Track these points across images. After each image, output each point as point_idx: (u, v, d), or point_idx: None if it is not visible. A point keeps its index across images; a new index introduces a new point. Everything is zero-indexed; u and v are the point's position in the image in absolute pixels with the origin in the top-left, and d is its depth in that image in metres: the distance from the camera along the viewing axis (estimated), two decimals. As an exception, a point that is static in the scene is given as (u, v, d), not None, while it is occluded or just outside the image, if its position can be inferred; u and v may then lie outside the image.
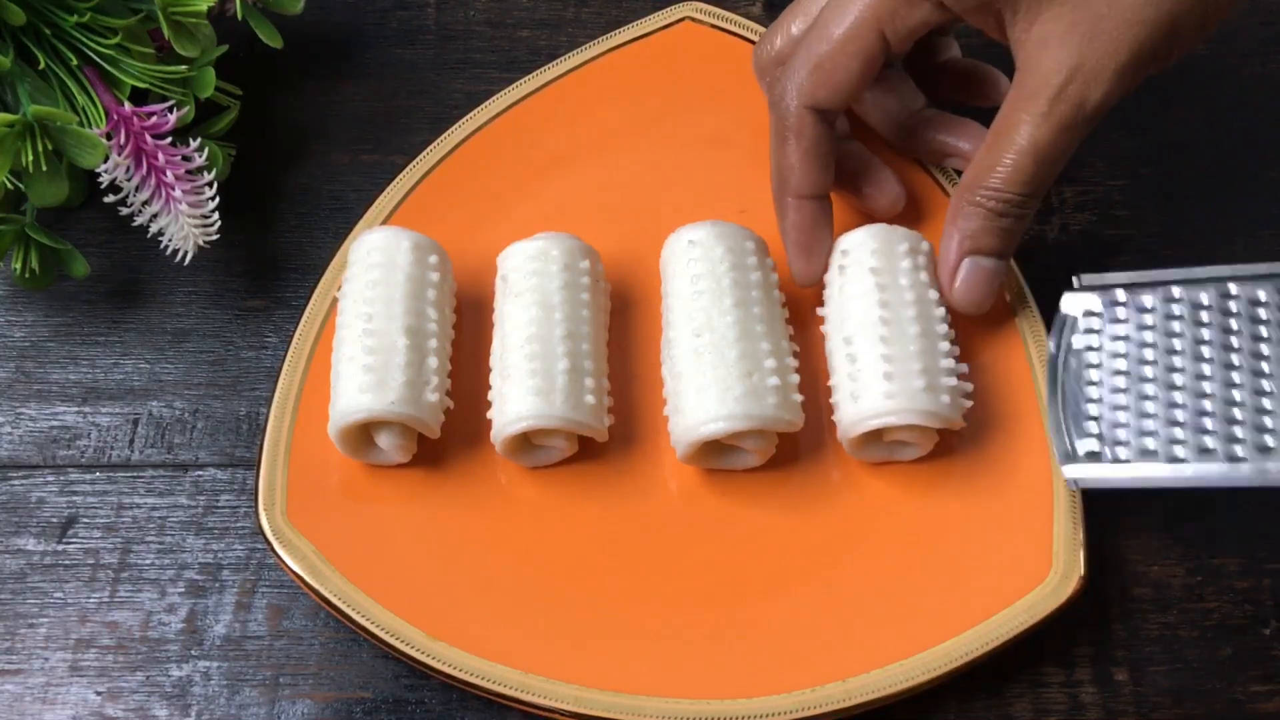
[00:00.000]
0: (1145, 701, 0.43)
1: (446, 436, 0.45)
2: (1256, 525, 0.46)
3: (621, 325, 0.49)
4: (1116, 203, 0.53)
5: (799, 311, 0.48)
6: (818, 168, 0.45)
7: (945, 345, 0.44)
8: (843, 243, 0.46)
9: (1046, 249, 0.51)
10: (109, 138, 0.48)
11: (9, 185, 0.48)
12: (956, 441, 0.45)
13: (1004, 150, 0.41)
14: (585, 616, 0.43)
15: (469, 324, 0.49)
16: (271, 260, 0.53)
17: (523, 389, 0.43)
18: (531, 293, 0.45)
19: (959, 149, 0.48)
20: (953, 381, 0.43)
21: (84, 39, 0.49)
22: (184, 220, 0.48)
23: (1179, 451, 0.40)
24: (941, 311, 0.45)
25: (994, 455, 0.45)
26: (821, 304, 0.47)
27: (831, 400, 0.45)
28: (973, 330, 0.47)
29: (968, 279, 0.43)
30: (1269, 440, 0.39)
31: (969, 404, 0.44)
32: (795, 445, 0.46)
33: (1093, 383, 0.42)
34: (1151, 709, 0.43)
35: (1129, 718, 0.43)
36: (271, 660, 0.44)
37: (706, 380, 0.43)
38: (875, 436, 0.44)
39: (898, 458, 0.45)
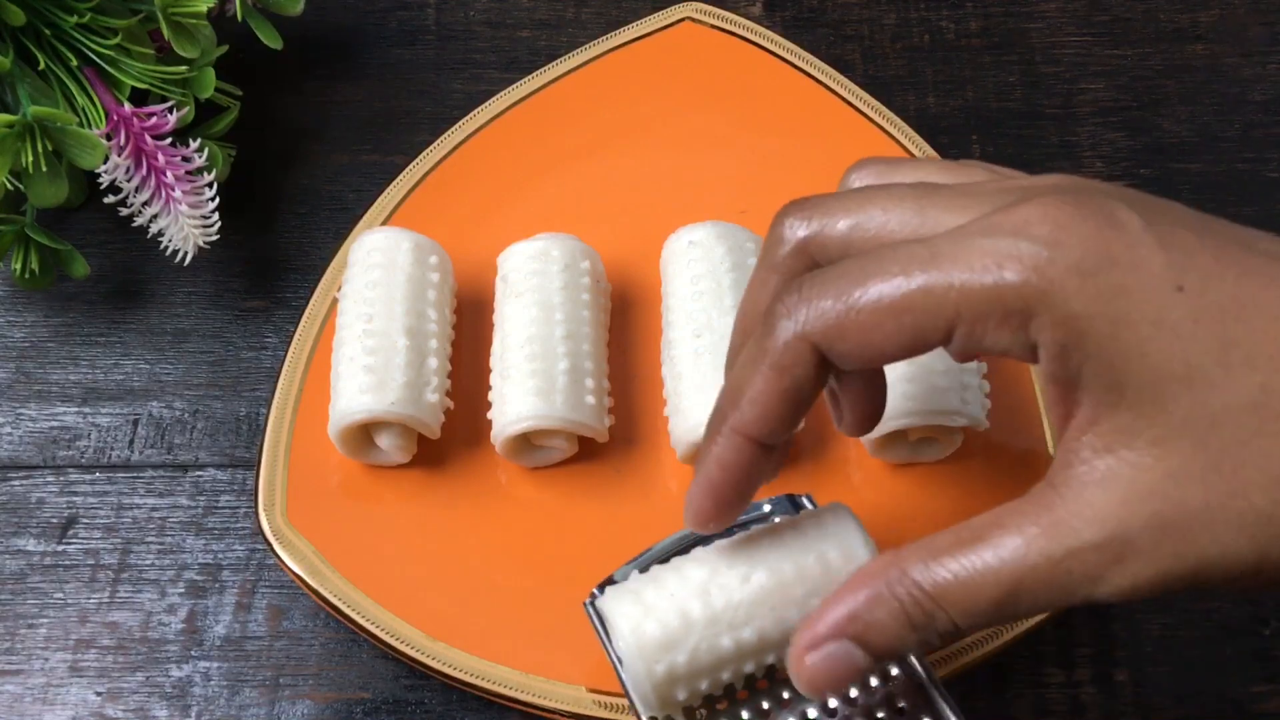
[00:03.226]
0: (1145, 701, 0.43)
1: (446, 436, 0.45)
2: (1256, 525, 0.46)
3: (621, 325, 0.49)
4: (1116, 203, 0.53)
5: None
6: (785, 416, 0.32)
7: None
8: None
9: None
10: (109, 138, 0.48)
11: (9, 185, 0.48)
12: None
13: (973, 556, 0.29)
14: (585, 617, 0.43)
15: (469, 324, 0.49)
16: (271, 260, 0.53)
17: (523, 389, 0.43)
18: (532, 293, 0.45)
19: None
20: (975, 382, 0.43)
21: (84, 39, 0.49)
22: (184, 221, 0.48)
23: None
24: None
25: (994, 456, 0.45)
26: None
27: None
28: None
29: (832, 663, 0.30)
30: None
31: (989, 404, 0.44)
32: (797, 447, 0.46)
33: None
34: (1151, 709, 0.43)
35: (1129, 718, 0.43)
36: (271, 660, 0.44)
37: (707, 380, 0.43)
38: (899, 437, 0.44)
39: (921, 458, 0.45)
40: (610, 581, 0.37)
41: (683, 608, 0.33)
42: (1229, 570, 0.27)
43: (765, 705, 0.34)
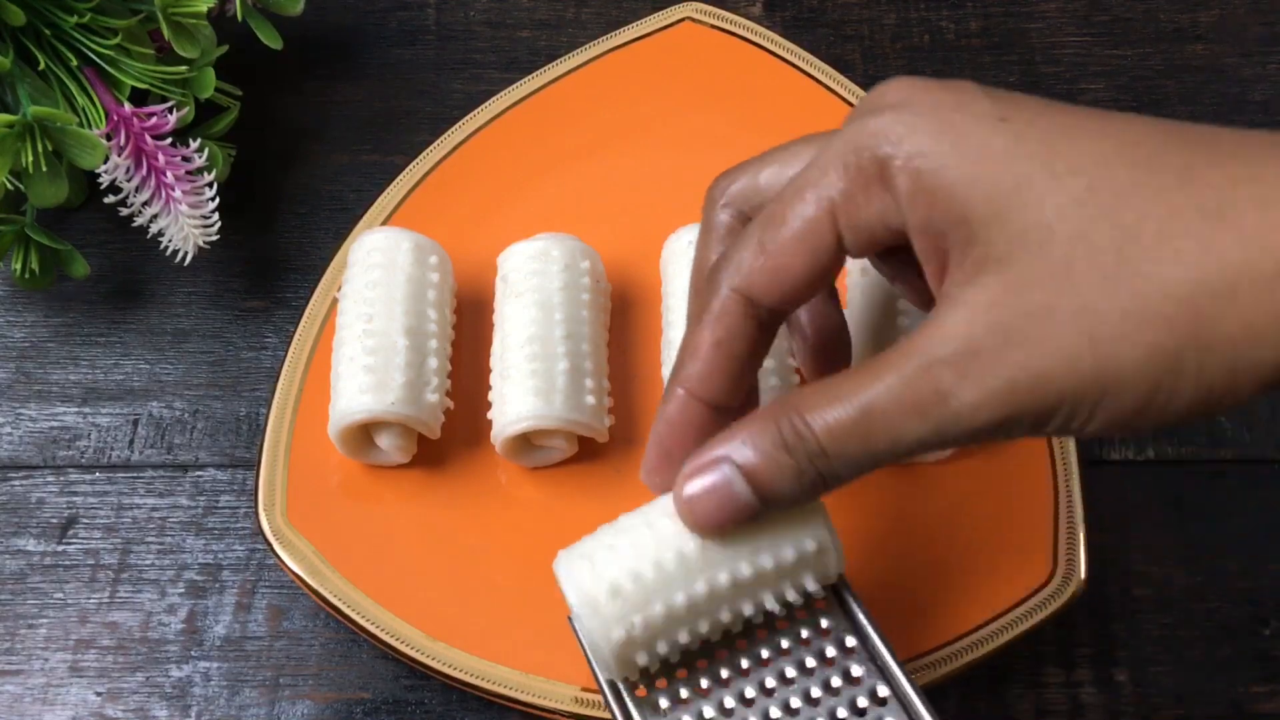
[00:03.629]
0: (1145, 701, 0.43)
1: (446, 436, 0.45)
2: (1256, 525, 0.46)
3: (621, 325, 0.49)
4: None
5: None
6: (723, 369, 0.33)
7: None
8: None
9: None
10: (109, 138, 0.48)
11: (9, 185, 0.48)
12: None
13: (846, 384, 0.30)
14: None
15: (469, 324, 0.49)
16: (271, 260, 0.53)
17: (523, 389, 0.43)
18: (532, 293, 0.45)
19: (803, 333, 0.39)
20: None
21: (84, 39, 0.49)
22: (184, 220, 0.48)
23: None
24: None
25: (994, 456, 0.45)
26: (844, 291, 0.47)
27: None
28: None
29: (712, 493, 0.32)
30: None
31: None
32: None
33: None
34: (1151, 709, 0.43)
35: (1129, 718, 0.43)
36: (271, 661, 0.44)
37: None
38: None
39: (921, 459, 0.45)
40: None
41: (635, 569, 0.33)
42: (1076, 380, 0.28)
43: (725, 673, 0.35)
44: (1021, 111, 0.30)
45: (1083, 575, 0.42)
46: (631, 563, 0.33)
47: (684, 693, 0.35)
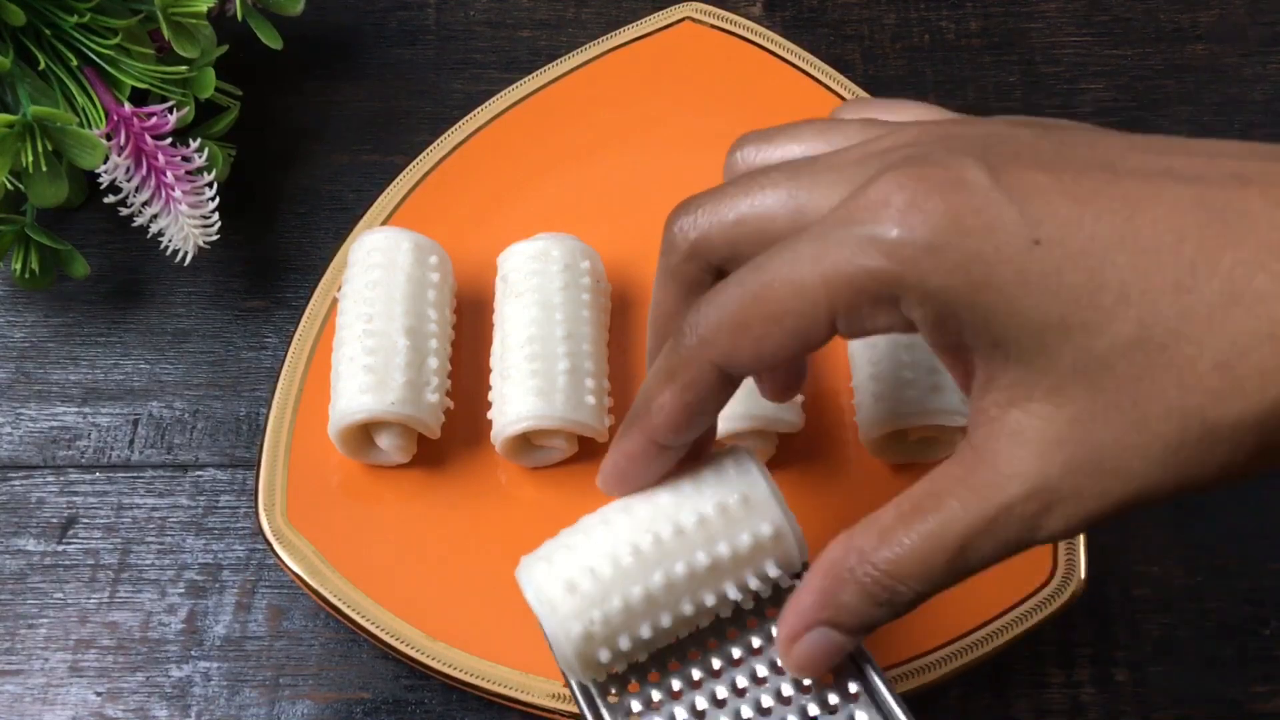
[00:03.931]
0: (1145, 701, 0.43)
1: (446, 436, 0.45)
2: (1256, 525, 0.46)
3: (621, 325, 0.49)
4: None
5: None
6: (687, 424, 0.34)
7: None
8: None
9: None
10: (109, 138, 0.48)
11: (9, 185, 0.48)
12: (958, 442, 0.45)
13: (918, 529, 0.30)
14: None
15: (469, 324, 0.49)
16: (271, 260, 0.53)
17: (523, 389, 0.43)
18: (532, 293, 0.45)
19: None
20: None
21: (84, 39, 0.49)
22: (184, 220, 0.48)
23: None
24: None
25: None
26: None
27: (854, 401, 0.45)
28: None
29: (813, 649, 0.33)
30: None
31: None
32: (797, 446, 0.46)
33: None
34: (1151, 709, 0.43)
35: (1129, 718, 0.43)
36: (271, 660, 0.44)
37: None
38: (899, 437, 0.44)
39: (921, 459, 0.45)
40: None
41: (592, 565, 0.33)
42: (1153, 496, 0.28)
43: (696, 674, 0.35)
44: (1053, 224, 0.28)
45: (1083, 575, 0.42)
46: (588, 560, 0.33)
47: (655, 695, 0.35)
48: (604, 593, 0.33)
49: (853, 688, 0.34)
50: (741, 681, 0.35)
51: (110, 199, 0.49)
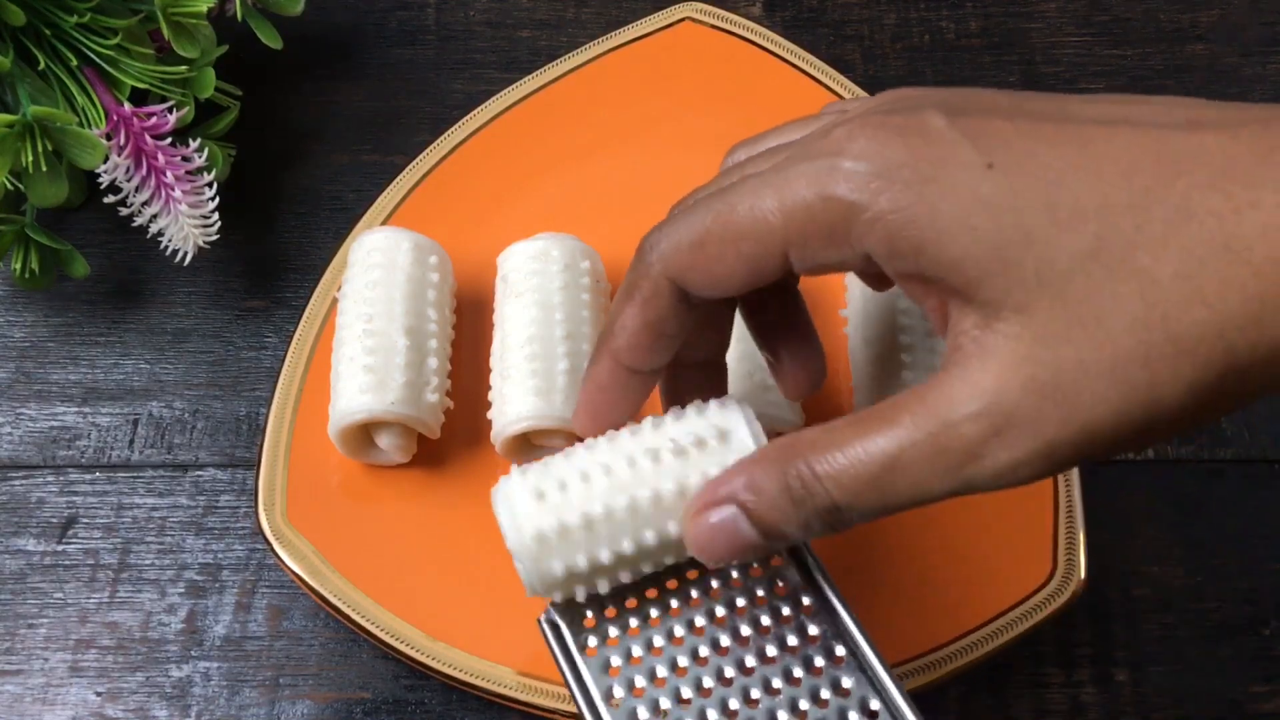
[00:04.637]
0: (1145, 701, 0.43)
1: (446, 436, 0.45)
2: (1256, 525, 0.46)
3: (621, 325, 0.49)
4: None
5: (821, 312, 0.47)
6: (649, 345, 0.34)
7: None
8: None
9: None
10: (109, 138, 0.48)
11: (9, 185, 0.48)
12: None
13: (860, 434, 0.29)
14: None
15: (469, 324, 0.49)
16: (271, 260, 0.53)
17: (523, 389, 0.43)
18: (532, 293, 0.45)
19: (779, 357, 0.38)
20: None
21: (84, 39, 0.49)
22: (184, 220, 0.48)
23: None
24: None
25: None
26: (844, 305, 0.47)
27: (854, 401, 0.45)
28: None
29: (714, 528, 0.31)
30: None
31: None
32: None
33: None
34: (1151, 709, 0.43)
35: (1129, 718, 0.43)
36: (271, 660, 0.44)
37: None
38: None
39: None
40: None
41: (563, 479, 0.33)
42: (1119, 430, 0.27)
43: (679, 631, 0.35)
44: (1007, 152, 0.28)
45: (1083, 575, 0.42)
46: (560, 474, 0.34)
47: (635, 650, 0.34)
48: (567, 504, 0.33)
49: (839, 650, 0.34)
50: (725, 640, 0.34)
51: (110, 199, 0.49)
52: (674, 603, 0.35)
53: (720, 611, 0.35)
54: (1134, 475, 0.47)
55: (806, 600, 0.34)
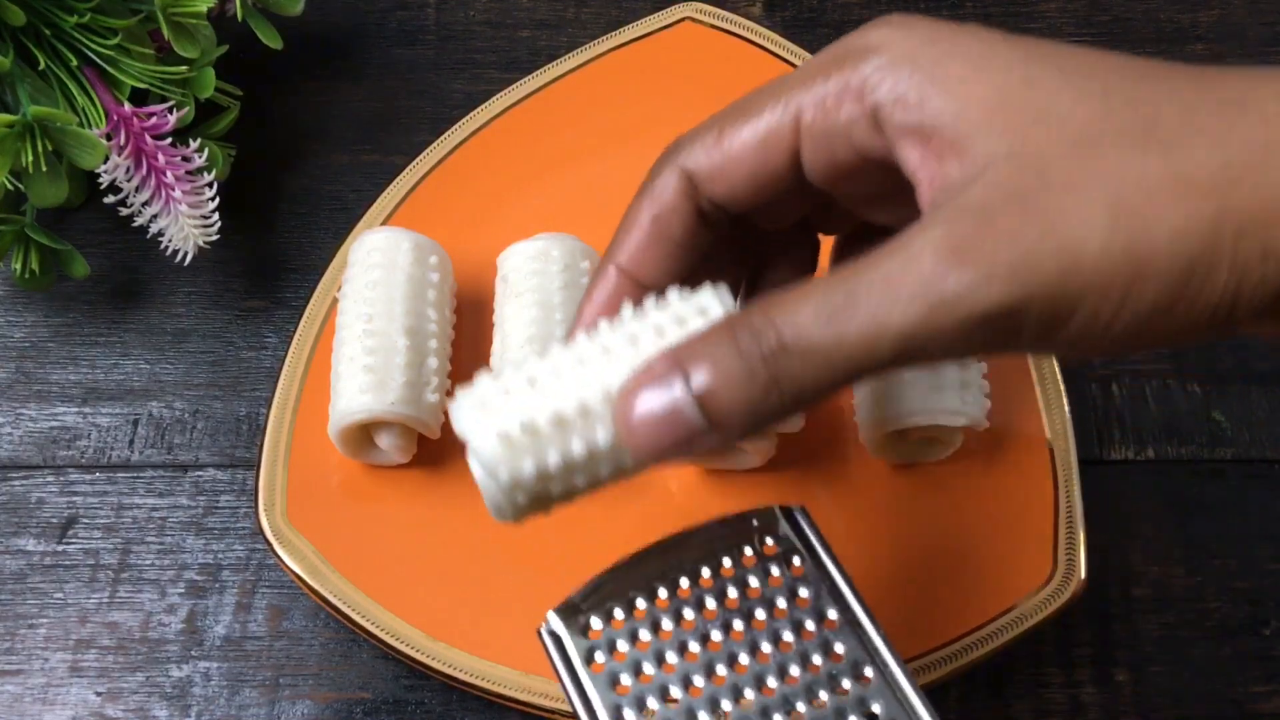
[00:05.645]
0: (1145, 701, 0.43)
1: (446, 436, 0.45)
2: (1256, 525, 0.46)
3: (621, 325, 0.49)
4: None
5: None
6: (657, 249, 0.32)
7: None
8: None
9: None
10: (109, 138, 0.48)
11: (9, 185, 0.48)
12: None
13: (818, 282, 0.27)
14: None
15: (469, 324, 0.49)
16: (271, 260, 0.53)
17: (523, 389, 0.43)
18: (532, 293, 0.45)
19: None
20: (975, 381, 0.43)
21: (84, 39, 0.49)
22: (184, 220, 0.48)
23: None
24: None
25: (994, 456, 0.45)
26: None
27: (854, 401, 0.45)
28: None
29: (650, 405, 0.28)
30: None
31: (989, 404, 0.44)
32: (797, 446, 0.46)
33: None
34: (1151, 709, 0.43)
35: (1129, 718, 0.43)
36: (271, 660, 0.44)
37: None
38: (899, 437, 0.44)
39: (921, 459, 0.45)
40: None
41: (534, 376, 0.30)
42: (1100, 260, 0.25)
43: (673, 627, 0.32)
44: (1022, 38, 0.29)
45: (1083, 575, 0.42)
46: (533, 371, 0.30)
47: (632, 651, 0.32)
48: (539, 400, 0.29)
49: (832, 614, 0.32)
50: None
51: (110, 199, 0.49)
52: (687, 613, 0.33)
53: (738, 625, 0.32)
54: (1134, 475, 0.47)
55: (831, 614, 0.32)
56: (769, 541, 0.34)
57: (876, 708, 0.31)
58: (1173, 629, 0.44)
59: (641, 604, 0.33)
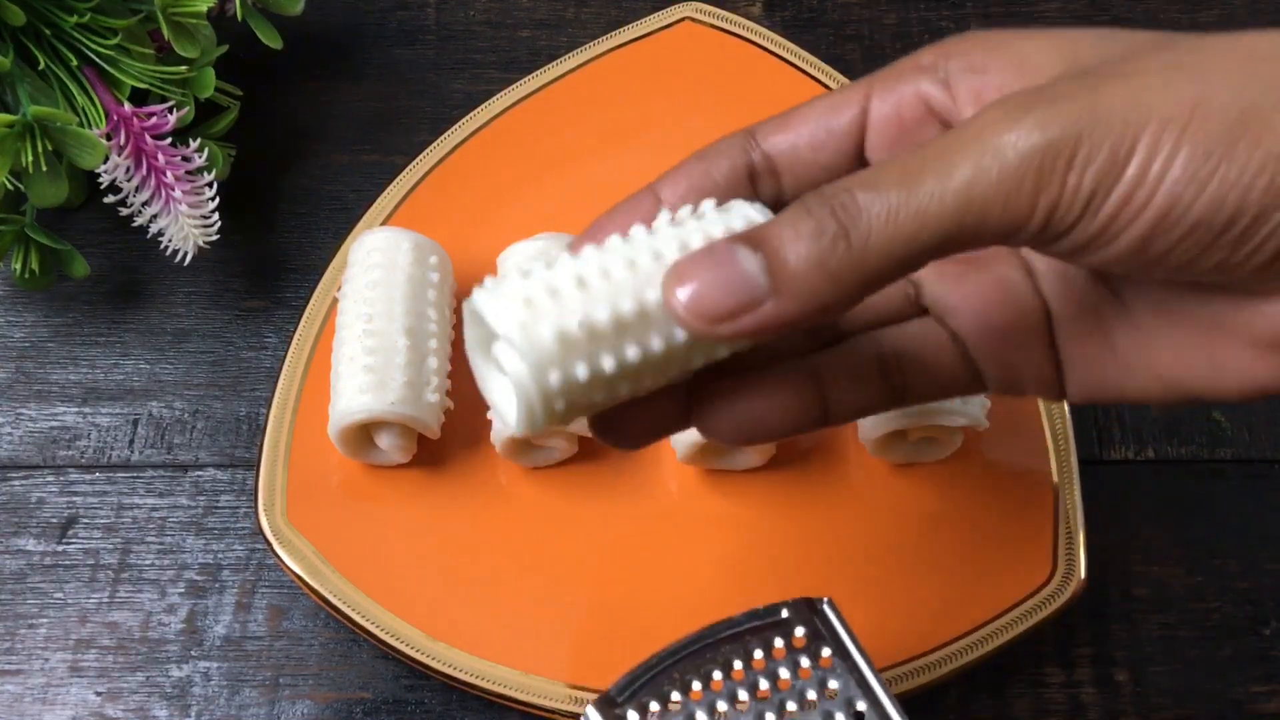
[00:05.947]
0: (1145, 701, 0.43)
1: (446, 436, 0.45)
2: (1256, 525, 0.46)
3: (621, 325, 0.49)
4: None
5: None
6: (691, 176, 0.31)
7: None
8: None
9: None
10: (109, 138, 0.48)
11: (9, 185, 0.48)
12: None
13: (902, 153, 0.27)
14: (585, 617, 0.43)
15: (469, 324, 0.48)
16: (271, 260, 0.53)
17: (523, 389, 0.43)
18: (531, 293, 0.45)
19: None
20: None
21: (84, 39, 0.49)
22: (184, 220, 0.48)
23: None
24: None
25: (994, 456, 0.45)
26: None
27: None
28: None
29: (710, 271, 0.26)
30: None
31: (989, 405, 0.44)
32: (796, 446, 0.46)
33: None
34: (1151, 709, 0.43)
35: (1129, 718, 0.43)
36: (271, 660, 0.44)
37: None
38: (899, 437, 0.44)
39: (921, 459, 0.45)
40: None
41: (557, 287, 0.28)
42: (1168, 103, 0.25)
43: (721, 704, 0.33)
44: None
45: (1083, 575, 0.42)
46: (559, 279, 0.29)
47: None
48: (593, 300, 0.27)
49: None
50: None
51: (110, 199, 0.49)
52: (720, 705, 0.33)
53: (770, 717, 0.33)
54: (1134, 475, 0.47)
55: (860, 706, 0.32)
56: (799, 633, 0.34)
57: None
58: (1173, 629, 0.44)
59: (676, 697, 0.33)
